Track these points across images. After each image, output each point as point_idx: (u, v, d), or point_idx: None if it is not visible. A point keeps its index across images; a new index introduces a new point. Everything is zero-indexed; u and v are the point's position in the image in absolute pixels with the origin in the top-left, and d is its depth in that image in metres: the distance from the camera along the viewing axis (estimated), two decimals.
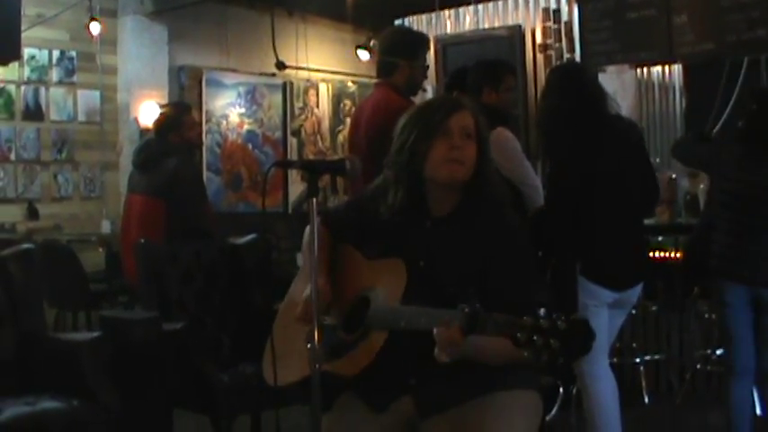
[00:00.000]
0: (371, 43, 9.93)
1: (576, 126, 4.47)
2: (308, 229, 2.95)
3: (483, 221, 2.87)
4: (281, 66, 10.91)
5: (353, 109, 11.35)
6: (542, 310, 2.28)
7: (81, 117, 9.78)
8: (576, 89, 4.54)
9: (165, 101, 9.96)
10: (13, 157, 9.22)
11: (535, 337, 2.24)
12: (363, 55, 10.35)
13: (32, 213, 9.25)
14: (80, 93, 9.77)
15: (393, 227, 2.94)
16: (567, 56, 8.30)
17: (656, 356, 6.26)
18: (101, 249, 8.60)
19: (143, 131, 9.78)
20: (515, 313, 2.34)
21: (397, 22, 9.18)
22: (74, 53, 9.69)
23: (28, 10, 8.26)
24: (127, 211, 6.51)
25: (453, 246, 2.86)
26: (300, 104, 11.67)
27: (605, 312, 4.43)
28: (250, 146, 11.13)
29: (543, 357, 2.24)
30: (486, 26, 8.89)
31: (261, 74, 11.19)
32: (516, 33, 8.58)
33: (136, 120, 9.91)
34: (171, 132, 6.30)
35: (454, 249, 2.86)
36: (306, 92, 11.73)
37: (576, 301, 4.38)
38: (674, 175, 6.52)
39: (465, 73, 5.90)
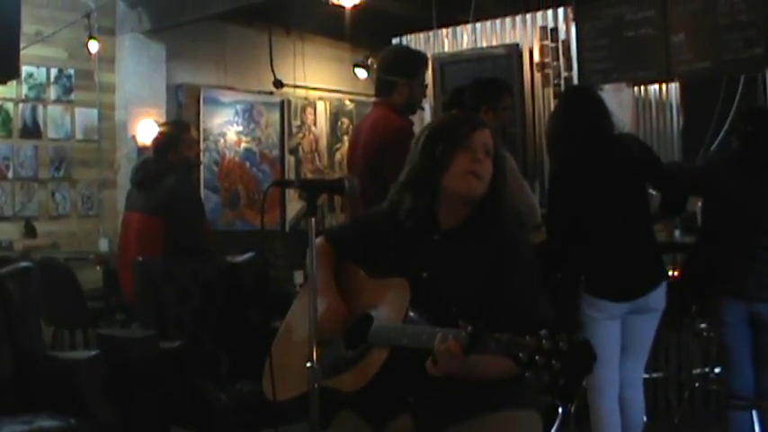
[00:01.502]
0: (369, 61, 9.95)
1: (574, 142, 4.50)
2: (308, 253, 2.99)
3: (490, 237, 2.88)
4: (278, 84, 10.92)
5: (351, 127, 11.39)
6: (544, 331, 2.27)
7: (79, 135, 9.77)
8: (580, 108, 4.57)
9: (162, 119, 9.96)
10: (10, 174, 9.21)
11: (537, 358, 2.24)
12: (361, 73, 10.37)
13: (30, 231, 9.24)
14: (78, 111, 9.76)
15: (400, 238, 2.96)
16: (564, 74, 8.32)
17: (655, 375, 6.24)
18: (98, 267, 8.58)
19: (141, 149, 9.78)
20: (518, 332, 2.34)
21: (395, 40, 9.21)
22: (72, 71, 9.69)
23: (26, 28, 8.26)
24: (125, 230, 6.50)
25: (458, 260, 2.87)
26: (298, 122, 11.67)
27: (615, 325, 4.45)
28: (248, 164, 11.13)
29: (545, 378, 2.23)
30: (484, 45, 8.91)
31: (258, 92, 11.20)
32: (514, 52, 8.61)
33: (134, 138, 9.90)
34: (169, 151, 6.29)
35: (459, 264, 2.87)
36: (303, 110, 11.74)
37: (577, 317, 4.39)
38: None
39: (462, 92, 5.93)
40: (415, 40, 9.27)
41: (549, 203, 4.70)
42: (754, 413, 4.69)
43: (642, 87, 8.07)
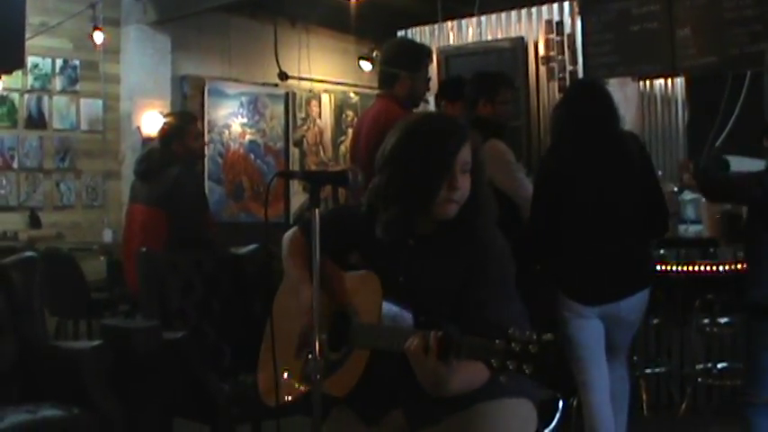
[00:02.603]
0: (374, 54, 9.95)
1: (573, 131, 4.47)
2: (285, 235, 3.06)
3: (465, 242, 2.84)
4: (283, 76, 10.93)
5: (355, 120, 11.38)
6: (513, 329, 2.27)
7: (83, 126, 9.79)
8: (585, 100, 4.53)
9: (167, 110, 9.97)
10: (15, 165, 9.24)
11: (508, 362, 2.26)
12: (366, 66, 10.38)
13: (34, 221, 9.26)
14: (83, 101, 9.79)
15: (376, 241, 2.89)
16: (569, 68, 8.31)
17: (657, 370, 6.24)
18: (102, 258, 8.60)
19: (145, 140, 9.79)
20: (489, 334, 2.33)
21: (400, 33, 9.20)
22: (77, 62, 9.71)
23: (31, 19, 8.25)
24: (128, 221, 6.50)
25: (433, 264, 2.84)
26: (302, 115, 11.68)
27: (593, 324, 4.38)
28: (252, 156, 11.14)
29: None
30: (489, 38, 8.90)
31: (263, 84, 11.21)
32: (519, 45, 8.59)
33: (138, 129, 9.92)
34: (174, 141, 6.28)
35: (434, 268, 2.84)
36: (308, 102, 11.74)
37: (549, 313, 4.36)
38: (675, 188, 6.51)
39: (456, 83, 5.95)
40: (420, 33, 9.26)
41: (534, 187, 4.66)
42: None
43: (647, 82, 8.06)
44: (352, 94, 12.16)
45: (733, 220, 5.79)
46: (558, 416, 5.58)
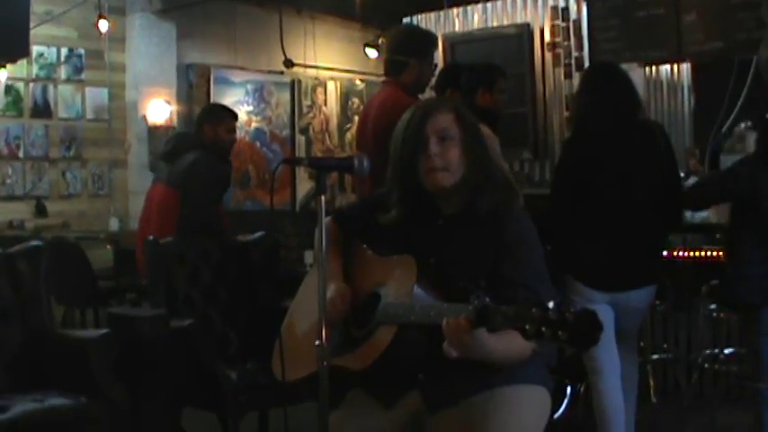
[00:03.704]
0: (380, 41, 9.93)
1: (591, 123, 4.46)
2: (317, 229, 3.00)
3: (492, 219, 2.87)
4: (289, 64, 10.92)
5: (361, 107, 11.37)
6: (551, 303, 2.27)
7: (89, 114, 9.79)
8: (602, 88, 4.51)
9: (173, 99, 10.01)
10: (21, 154, 9.24)
11: (543, 329, 2.24)
12: (372, 53, 10.35)
13: (41, 211, 9.27)
14: (88, 90, 9.79)
15: (405, 226, 2.96)
16: (575, 54, 8.30)
17: (664, 356, 6.24)
18: (109, 247, 8.60)
19: (151, 129, 9.81)
20: (525, 306, 2.34)
21: (406, 20, 9.19)
22: (82, 51, 9.70)
23: (36, 7, 8.26)
24: (147, 202, 6.51)
25: (463, 243, 2.87)
26: (308, 102, 11.67)
27: (602, 309, 4.30)
28: (258, 144, 11.14)
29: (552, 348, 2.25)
30: (495, 24, 8.90)
31: (269, 72, 11.20)
32: (525, 32, 8.59)
33: (144, 118, 9.92)
34: (206, 125, 6.28)
35: (464, 246, 2.87)
36: (314, 90, 11.73)
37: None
38: (681, 174, 6.50)
39: (455, 70, 5.97)
40: (425, 20, 9.26)
41: (557, 171, 4.69)
42: None
43: (653, 68, 8.05)
44: (357, 82, 12.15)
45: None
46: (566, 401, 5.60)
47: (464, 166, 2.88)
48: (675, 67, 8.03)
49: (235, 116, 6.60)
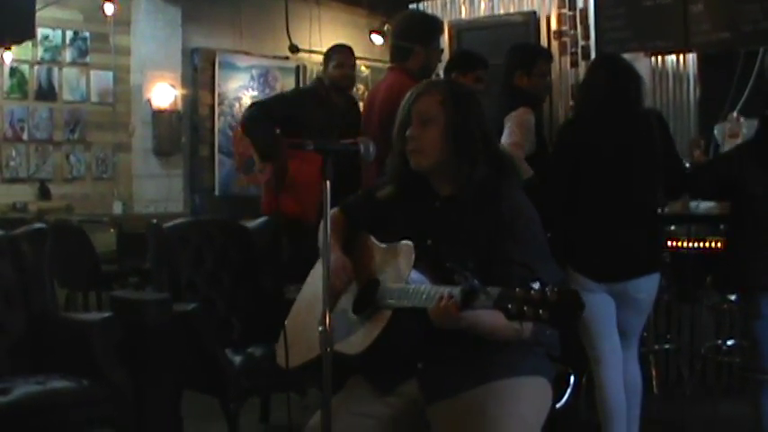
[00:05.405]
0: (385, 28, 9.90)
1: (589, 110, 4.45)
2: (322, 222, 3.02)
3: (489, 197, 2.88)
4: (294, 49, 10.87)
5: (366, 93, 11.33)
6: (537, 283, 2.28)
7: (94, 98, 9.78)
8: (606, 77, 4.48)
9: (178, 83, 9.99)
10: (25, 136, 9.24)
11: (525, 308, 2.26)
12: (377, 39, 10.32)
13: (44, 193, 9.27)
14: (93, 73, 9.78)
15: (404, 208, 3.00)
16: (581, 43, 8.27)
17: (667, 346, 6.24)
18: (112, 230, 8.61)
19: (156, 113, 9.80)
20: (511, 286, 2.37)
21: (412, 6, 9.15)
22: (87, 34, 9.69)
23: None
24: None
25: (459, 224, 2.89)
26: None
27: (601, 298, 4.32)
28: None
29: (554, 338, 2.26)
30: (501, 12, 8.86)
31: (274, 57, 11.18)
32: (531, 19, 8.56)
33: (149, 101, 9.91)
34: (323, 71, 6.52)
35: (460, 227, 2.89)
36: None
37: None
38: (686, 165, 6.49)
39: (466, 57, 5.95)
40: (431, 6, 9.21)
41: (554, 156, 4.66)
42: None
43: (659, 57, 8.01)
44: (363, 68, 12.10)
45: None
46: (569, 391, 5.59)
47: (446, 148, 2.90)
48: (682, 57, 7.99)
49: (348, 53, 6.60)
